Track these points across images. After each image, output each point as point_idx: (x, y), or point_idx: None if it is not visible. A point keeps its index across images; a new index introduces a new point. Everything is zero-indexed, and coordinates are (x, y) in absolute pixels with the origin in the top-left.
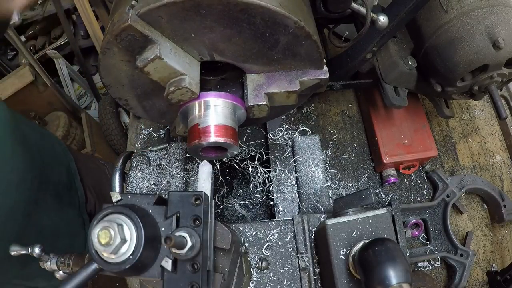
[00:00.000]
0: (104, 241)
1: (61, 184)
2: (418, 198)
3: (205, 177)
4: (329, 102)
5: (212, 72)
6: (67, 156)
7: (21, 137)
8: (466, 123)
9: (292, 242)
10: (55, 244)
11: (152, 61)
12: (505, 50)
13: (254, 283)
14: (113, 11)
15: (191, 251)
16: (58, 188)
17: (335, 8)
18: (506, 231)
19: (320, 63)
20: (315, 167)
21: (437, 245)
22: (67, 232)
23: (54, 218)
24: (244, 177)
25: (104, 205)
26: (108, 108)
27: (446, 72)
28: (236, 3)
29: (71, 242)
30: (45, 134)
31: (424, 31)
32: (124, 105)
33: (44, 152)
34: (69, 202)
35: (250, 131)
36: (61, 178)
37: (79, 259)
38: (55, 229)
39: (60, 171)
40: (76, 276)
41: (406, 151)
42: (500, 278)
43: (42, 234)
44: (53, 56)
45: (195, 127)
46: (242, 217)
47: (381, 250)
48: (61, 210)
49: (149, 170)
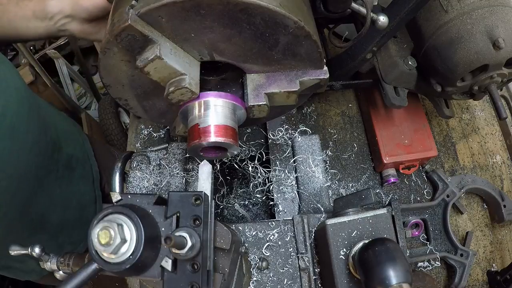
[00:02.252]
0: (104, 241)
1: (74, 157)
2: (418, 198)
3: (205, 177)
4: (329, 102)
5: (212, 72)
6: (82, 136)
7: (37, 106)
8: (466, 123)
9: (292, 242)
10: (64, 214)
11: (152, 61)
12: (505, 50)
13: (254, 283)
14: (113, 11)
15: (191, 251)
16: (71, 160)
17: (335, 8)
18: (506, 231)
19: (320, 63)
20: (315, 167)
21: (437, 245)
22: (77, 205)
23: (65, 188)
24: (244, 177)
25: (104, 205)
26: (108, 108)
27: (446, 72)
28: (236, 3)
29: (80, 215)
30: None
31: (424, 31)
32: (124, 105)
33: (58, 126)
34: (82, 176)
35: (250, 131)
36: (74, 152)
37: (79, 259)
38: (65, 199)
39: (74, 146)
40: (76, 276)
41: (406, 151)
42: (500, 278)
43: (53, 202)
44: (53, 56)
45: (195, 127)
46: (242, 217)
47: (381, 250)
48: (72, 182)
49: (149, 170)
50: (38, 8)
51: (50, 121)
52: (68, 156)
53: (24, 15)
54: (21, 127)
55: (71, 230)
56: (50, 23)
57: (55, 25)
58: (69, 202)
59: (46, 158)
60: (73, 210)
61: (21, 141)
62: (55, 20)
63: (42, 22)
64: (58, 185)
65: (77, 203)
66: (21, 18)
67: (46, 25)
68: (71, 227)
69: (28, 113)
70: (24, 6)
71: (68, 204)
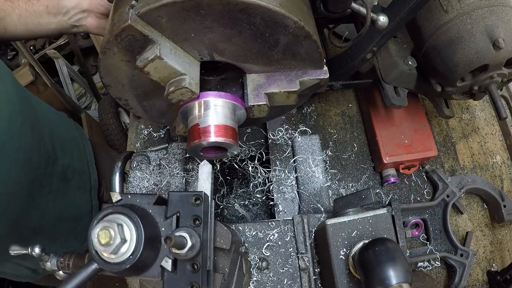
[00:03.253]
0: (104, 241)
1: (70, 168)
2: (418, 198)
3: (205, 177)
4: (329, 102)
5: (212, 72)
6: (83, 140)
7: (33, 117)
8: (466, 123)
9: (292, 242)
10: (57, 227)
11: (152, 61)
12: (505, 50)
13: (254, 283)
14: (113, 11)
15: (191, 251)
16: (67, 171)
17: (335, 8)
18: (506, 231)
19: (320, 63)
20: (315, 167)
21: (437, 245)
22: (72, 216)
23: (59, 202)
24: (244, 177)
25: (104, 205)
26: (108, 108)
27: (446, 72)
28: (236, 3)
29: (74, 225)
30: (62, 116)
31: (424, 31)
32: (124, 105)
33: (56, 134)
34: (78, 187)
35: (250, 131)
36: (71, 162)
37: (79, 259)
38: (58, 212)
39: (72, 155)
40: (76, 276)
41: (406, 151)
42: (500, 278)
43: (45, 217)
44: (53, 56)
45: (195, 127)
46: (242, 217)
47: (381, 250)
48: (67, 194)
49: (149, 170)
50: (52, 3)
51: (47, 131)
52: (64, 168)
53: (36, 11)
54: (12, 144)
55: (64, 241)
56: (64, 18)
57: (69, 20)
58: (62, 215)
59: (39, 173)
60: (66, 222)
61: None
62: (70, 15)
63: (55, 17)
64: (51, 199)
65: (71, 215)
66: (32, 14)
67: (59, 20)
68: (64, 238)
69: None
70: (35, 2)
71: (61, 217)
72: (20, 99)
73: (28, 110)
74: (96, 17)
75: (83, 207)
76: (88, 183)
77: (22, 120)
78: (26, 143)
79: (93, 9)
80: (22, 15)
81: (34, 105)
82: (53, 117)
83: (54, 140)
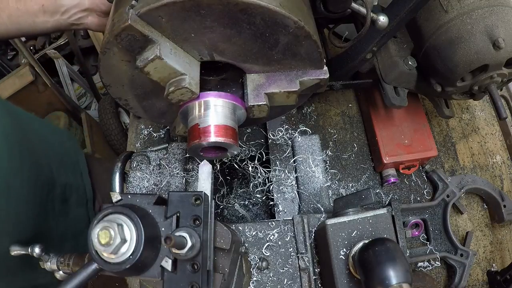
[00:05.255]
0: (104, 241)
1: (68, 186)
2: (418, 198)
3: (205, 177)
4: (329, 102)
5: (212, 72)
6: (76, 152)
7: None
8: (466, 123)
9: (292, 242)
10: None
11: (152, 61)
12: (505, 50)
13: (254, 283)
14: (113, 11)
15: (191, 251)
16: (65, 190)
17: (335, 8)
18: (506, 231)
19: (320, 63)
20: (315, 167)
21: (437, 245)
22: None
23: (62, 224)
24: (244, 177)
25: (104, 205)
26: (108, 108)
27: (446, 72)
28: (236, 3)
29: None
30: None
31: (424, 31)
32: (124, 105)
33: (50, 151)
34: (76, 203)
35: (250, 131)
36: (68, 179)
37: (79, 259)
38: (61, 234)
39: (67, 171)
40: (76, 276)
41: (406, 151)
42: (500, 278)
43: (50, 242)
44: (53, 56)
45: (195, 127)
46: (242, 217)
47: (381, 250)
48: (68, 214)
49: (149, 170)
50: (48, 2)
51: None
52: (62, 188)
53: (29, 10)
54: (15, 182)
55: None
56: (62, 17)
57: (68, 19)
58: (65, 236)
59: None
60: (69, 242)
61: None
62: (69, 14)
63: (52, 16)
64: (55, 224)
65: (72, 234)
66: (25, 13)
67: (56, 19)
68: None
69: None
70: (28, 1)
71: (64, 238)
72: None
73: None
74: (97, 15)
75: (82, 222)
76: (84, 197)
77: (20, 152)
78: (27, 176)
79: (94, 8)
80: (13, 15)
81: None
82: (45, 133)
83: (49, 159)
